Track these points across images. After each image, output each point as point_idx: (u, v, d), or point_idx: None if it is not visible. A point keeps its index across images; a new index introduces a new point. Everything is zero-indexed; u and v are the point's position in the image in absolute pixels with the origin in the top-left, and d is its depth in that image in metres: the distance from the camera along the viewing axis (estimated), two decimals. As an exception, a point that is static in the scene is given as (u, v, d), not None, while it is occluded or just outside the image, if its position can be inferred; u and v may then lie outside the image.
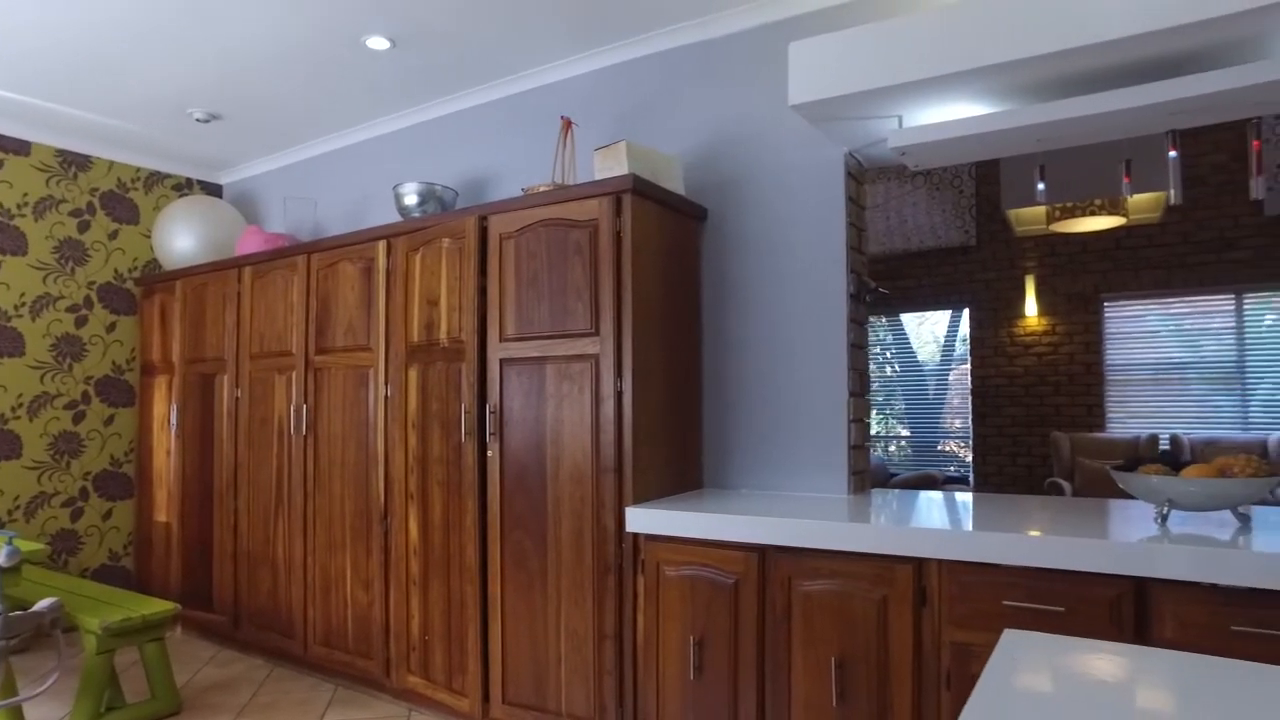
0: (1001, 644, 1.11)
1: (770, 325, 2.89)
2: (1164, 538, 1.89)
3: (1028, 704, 0.93)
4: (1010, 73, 2.18)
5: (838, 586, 2.20)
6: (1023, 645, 1.11)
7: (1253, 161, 2.15)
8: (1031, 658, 1.09)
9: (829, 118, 2.49)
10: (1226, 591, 1.76)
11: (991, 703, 0.92)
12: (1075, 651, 1.11)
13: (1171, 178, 2.18)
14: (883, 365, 8.41)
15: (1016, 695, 0.95)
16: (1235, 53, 2.05)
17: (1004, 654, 1.08)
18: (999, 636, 1.95)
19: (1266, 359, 6.72)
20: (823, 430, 2.78)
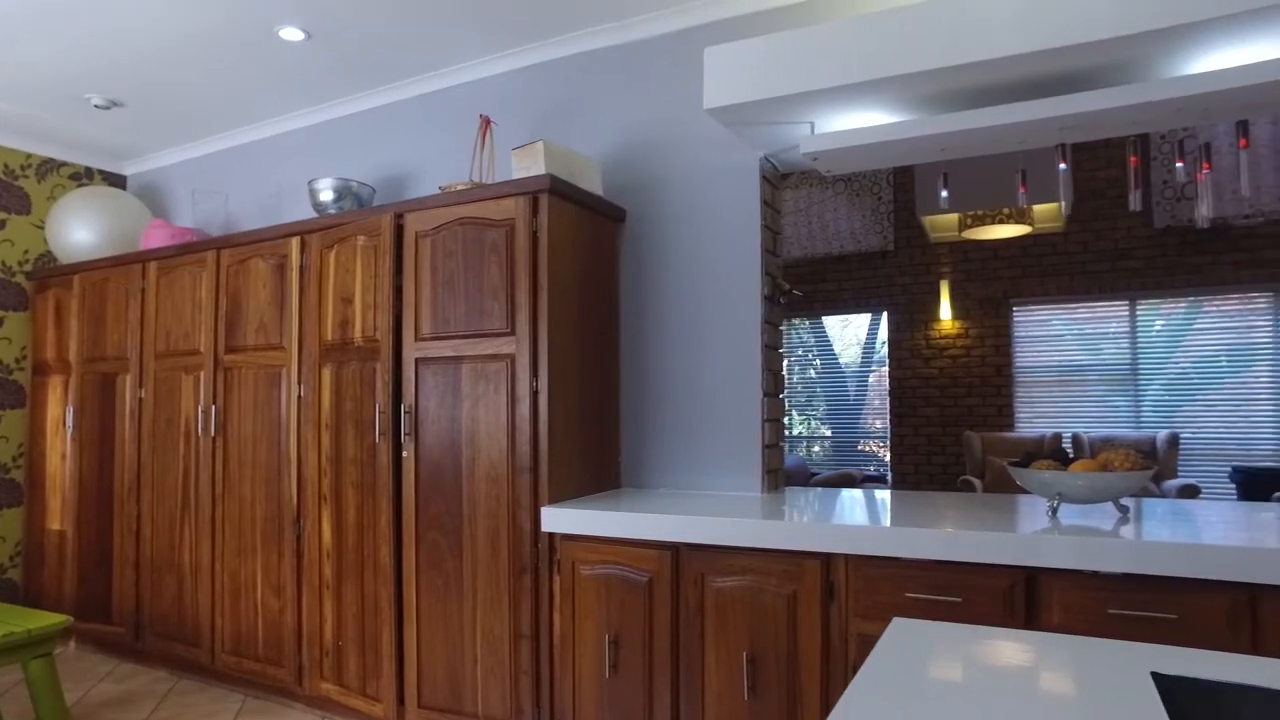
0: (888, 632, 1.16)
1: (687, 326, 2.93)
2: (1053, 530, 1.99)
3: (902, 686, 0.98)
4: (914, 84, 2.27)
5: (749, 583, 2.25)
6: (907, 632, 1.16)
7: (1131, 176, 2.27)
8: (913, 644, 1.13)
9: (744, 122, 2.54)
10: (1105, 578, 1.87)
11: (868, 688, 0.96)
12: (953, 637, 1.16)
13: (1061, 189, 2.29)
14: (805, 367, 8.59)
15: (893, 678, 0.99)
16: (1115, 75, 2.17)
17: (889, 641, 1.13)
18: (900, 627, 2.03)
19: (1156, 362, 7.12)
20: (738, 430, 2.83)
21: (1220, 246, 6.71)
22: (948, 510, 2.38)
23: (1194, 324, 7.07)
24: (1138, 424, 7.01)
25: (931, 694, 0.95)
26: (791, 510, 2.43)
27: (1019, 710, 0.90)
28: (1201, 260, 6.75)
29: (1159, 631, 1.82)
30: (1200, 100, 2.05)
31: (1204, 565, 1.77)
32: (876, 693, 0.94)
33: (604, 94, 3.13)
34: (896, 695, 0.94)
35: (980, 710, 0.90)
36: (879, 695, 0.94)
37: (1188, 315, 7.09)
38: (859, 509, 2.47)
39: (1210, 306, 6.98)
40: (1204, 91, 2.02)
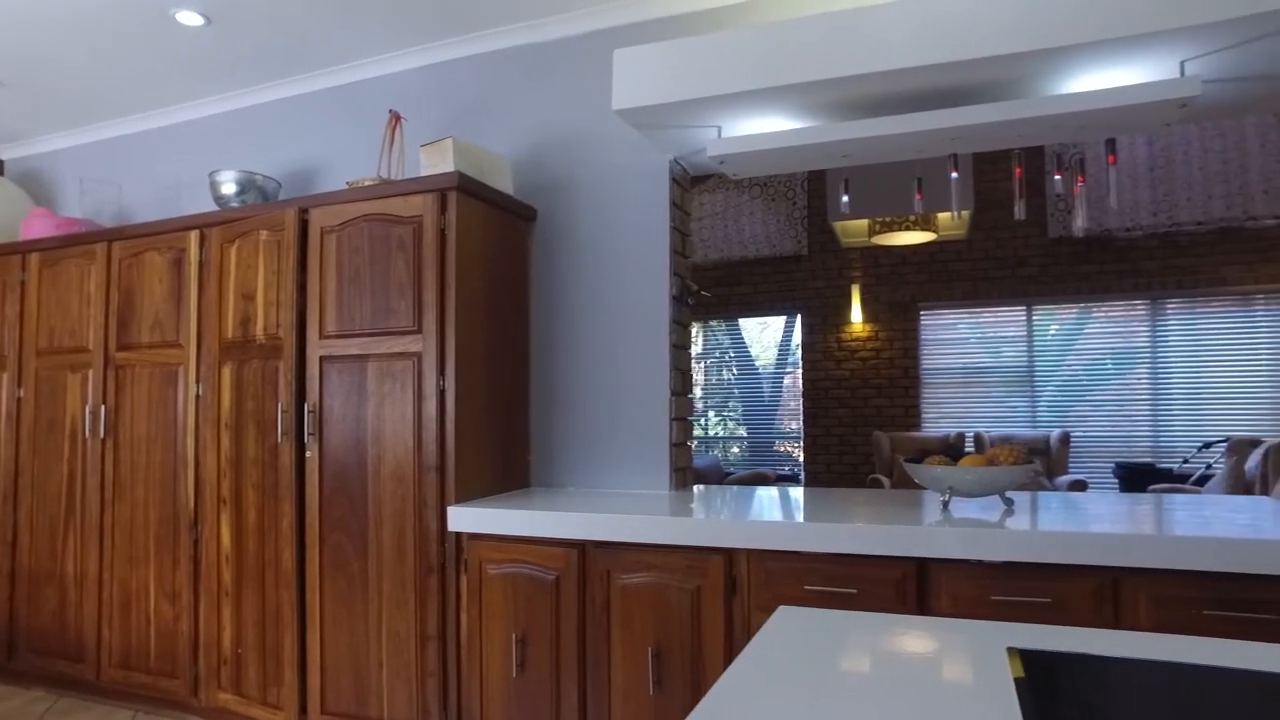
0: (772, 620, 1.20)
1: (597, 326, 2.95)
2: (943, 522, 2.09)
3: (776, 668, 1.02)
4: (817, 91, 2.34)
5: (654, 579, 2.28)
6: (791, 620, 1.20)
7: (1016, 187, 2.40)
8: (793, 630, 1.18)
9: (652, 125, 2.58)
10: (989, 566, 1.97)
11: (744, 670, 0.99)
12: (830, 622, 1.22)
13: (954, 197, 2.40)
14: (722, 369, 8.72)
15: (768, 662, 1.03)
16: (1002, 91, 2.29)
17: (772, 627, 1.17)
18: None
19: (1050, 365, 7.50)
20: (646, 428, 2.86)
21: (1105, 257, 7.11)
22: (848, 506, 2.46)
23: (1084, 329, 7.48)
24: (1034, 423, 7.37)
25: (799, 673, 0.99)
26: (697, 508, 2.48)
27: (878, 684, 0.94)
28: (1089, 269, 7.15)
29: (1035, 614, 1.92)
30: (1075, 118, 2.18)
31: (1073, 552, 1.88)
32: (750, 674, 0.98)
33: (516, 93, 3.13)
34: (768, 676, 0.98)
35: (841, 684, 0.94)
36: (753, 677, 0.97)
37: (1078, 321, 7.50)
38: (763, 506, 2.53)
39: (1098, 313, 7.39)
40: (1077, 110, 2.15)
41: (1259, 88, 2.29)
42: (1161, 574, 1.85)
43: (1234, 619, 1.80)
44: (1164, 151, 6.87)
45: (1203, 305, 7.11)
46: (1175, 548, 1.84)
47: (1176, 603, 1.84)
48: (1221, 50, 2.07)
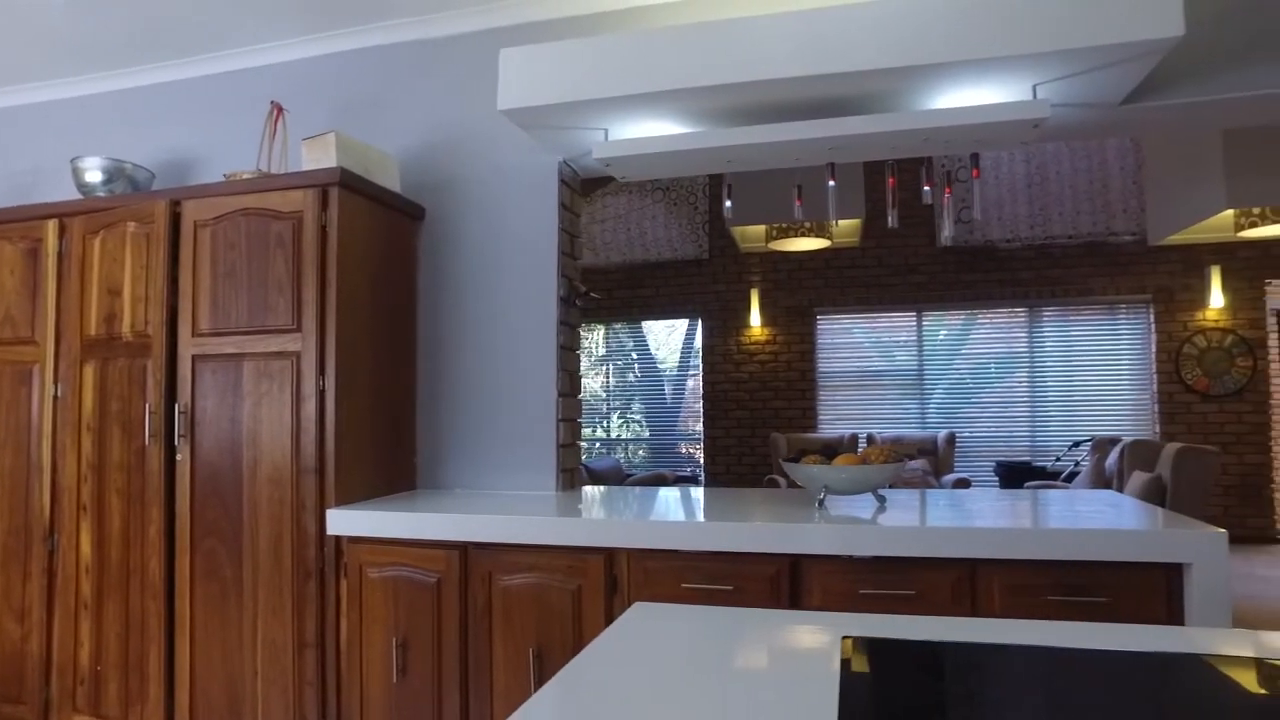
0: (625, 615, 1.22)
1: (485, 327, 2.93)
2: (816, 520, 2.16)
3: (618, 658, 1.04)
4: (701, 98, 2.39)
5: (536, 580, 2.28)
6: (643, 615, 1.22)
7: (889, 196, 2.50)
8: (643, 624, 1.20)
9: (539, 125, 2.58)
10: (858, 561, 2.05)
11: (586, 662, 1.01)
12: (682, 616, 1.25)
13: (830, 206, 2.49)
14: (625, 371, 8.77)
15: (612, 653, 1.05)
16: (877, 104, 2.39)
17: (624, 622, 1.19)
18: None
19: (939, 368, 7.85)
20: (533, 429, 2.85)
21: (988, 266, 7.50)
22: (733, 505, 2.52)
23: (969, 335, 7.86)
24: (923, 424, 7.70)
25: (635, 665, 1.01)
26: (581, 508, 2.49)
27: (710, 673, 0.97)
28: (974, 278, 7.52)
29: (901, 606, 2.01)
30: (941, 133, 2.30)
31: (934, 546, 1.98)
32: (588, 668, 0.99)
33: (404, 89, 3.07)
34: (609, 666, 1.00)
35: (672, 674, 0.97)
36: (594, 667, 0.99)
37: (964, 327, 7.88)
38: (647, 507, 2.56)
39: (983, 319, 7.79)
40: (942, 125, 2.27)
41: (1101, 114, 2.46)
42: (1012, 564, 1.97)
43: (1074, 603, 1.92)
44: (1039, 169, 7.29)
45: (1074, 313, 7.58)
46: (1023, 539, 1.96)
47: (1026, 590, 1.96)
48: (1068, 77, 2.22)
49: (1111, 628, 1.17)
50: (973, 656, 1.03)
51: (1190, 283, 7.24)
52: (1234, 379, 7.15)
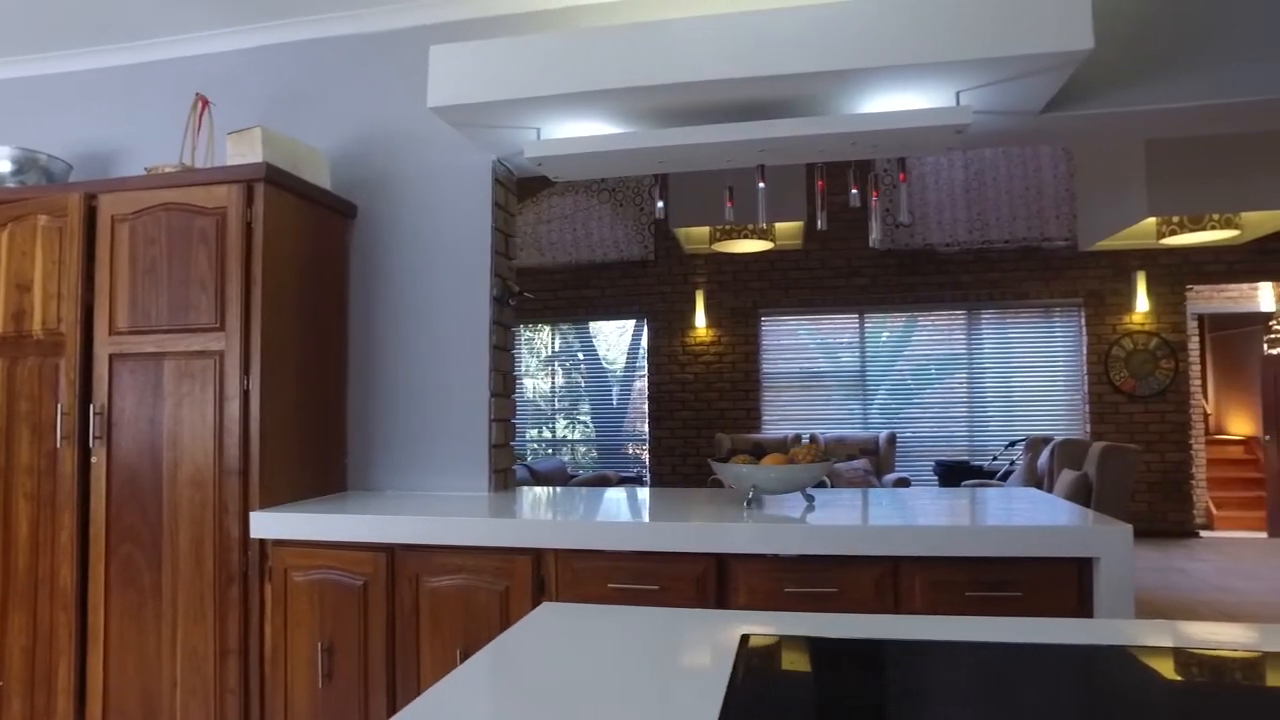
0: (530, 615, 1.22)
1: (418, 326, 2.89)
2: (742, 519, 2.18)
3: (513, 656, 1.03)
4: (632, 98, 2.39)
5: (463, 581, 2.25)
6: (548, 615, 1.22)
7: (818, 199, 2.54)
8: (547, 623, 1.20)
9: (470, 124, 2.55)
10: (784, 559, 2.07)
11: (482, 661, 1.00)
12: (587, 614, 1.25)
13: (759, 208, 2.52)
14: (572, 372, 8.75)
15: (505, 654, 1.05)
16: (805, 107, 2.43)
17: (525, 624, 1.18)
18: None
19: (881, 369, 7.99)
20: (465, 430, 2.83)
21: (929, 269, 7.66)
22: (665, 505, 2.53)
23: (911, 337, 8.02)
24: (866, 425, 7.83)
25: (530, 662, 1.01)
26: (511, 509, 2.47)
27: (601, 670, 0.98)
28: (914, 280, 7.67)
29: (824, 604, 2.04)
30: (868, 136, 2.34)
31: (857, 544, 2.01)
32: (481, 667, 0.99)
33: (336, 85, 3.02)
34: (498, 668, 0.99)
35: (562, 671, 0.97)
36: (480, 669, 0.98)
37: (906, 329, 8.04)
38: (579, 507, 2.56)
39: (924, 321, 7.95)
40: (867, 129, 2.31)
41: (1023, 121, 2.53)
42: (933, 561, 2.01)
43: (992, 598, 1.97)
44: (977, 176, 7.48)
45: (1011, 316, 7.79)
46: (943, 537, 2.00)
47: (946, 586, 2.00)
48: (989, 85, 2.27)
49: (1014, 622, 1.20)
50: (876, 652, 1.05)
51: (1118, 287, 7.49)
52: (1158, 380, 7.42)
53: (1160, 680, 0.98)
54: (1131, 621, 1.26)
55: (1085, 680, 0.96)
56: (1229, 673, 1.01)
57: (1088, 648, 1.04)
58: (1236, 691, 0.97)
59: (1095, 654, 1.01)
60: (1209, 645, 1.08)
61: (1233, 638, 1.12)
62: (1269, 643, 1.07)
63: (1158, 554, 6.63)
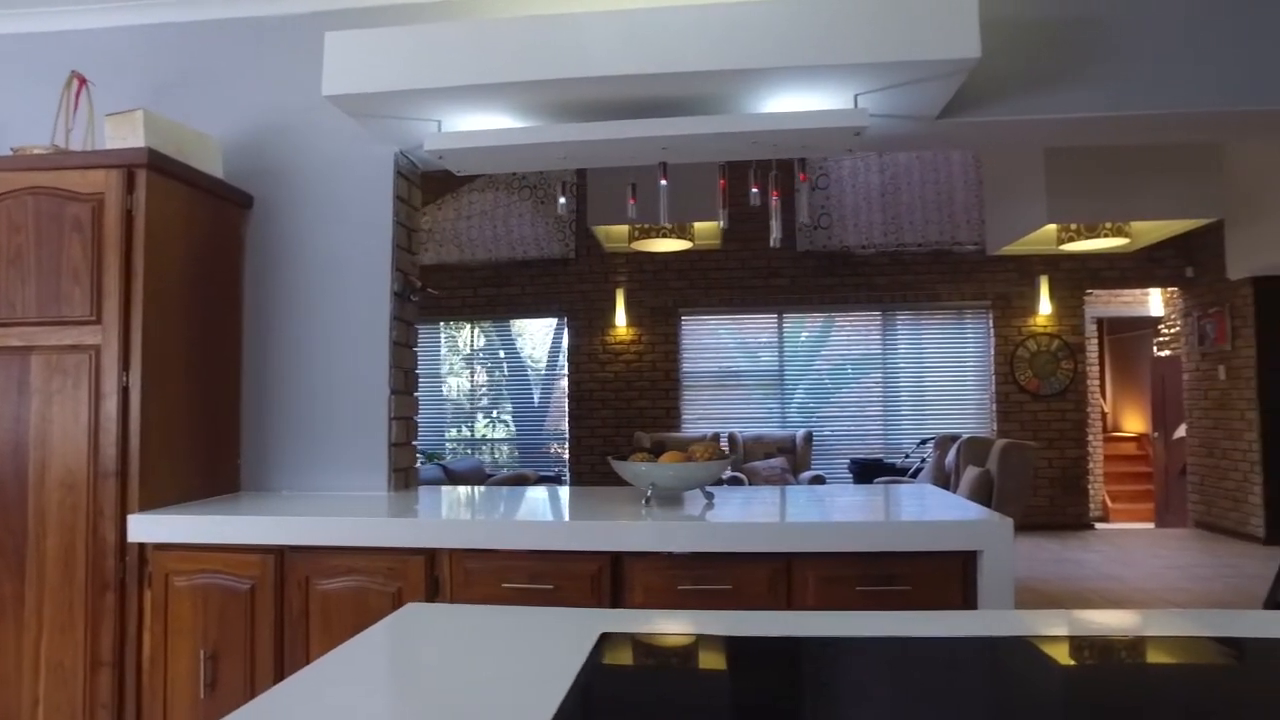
0: (393, 615, 1.18)
1: (316, 321, 2.80)
2: (637, 516, 2.18)
3: (362, 656, 1.00)
4: (533, 92, 2.36)
5: (355, 583, 2.19)
6: (411, 614, 1.19)
7: (720, 197, 2.55)
8: (407, 624, 1.17)
9: (368, 114, 2.48)
10: (678, 557, 2.07)
11: (328, 661, 0.97)
12: (451, 614, 1.22)
13: (661, 207, 2.52)
14: (493, 370, 8.64)
15: (357, 656, 1.02)
16: (707, 106, 2.43)
17: (386, 625, 1.15)
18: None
19: (799, 369, 8.13)
20: (365, 428, 2.75)
21: (844, 271, 7.83)
22: (565, 504, 2.50)
23: (829, 337, 8.18)
24: (784, 424, 7.95)
25: (378, 661, 0.98)
26: (407, 508, 2.41)
27: (453, 668, 0.95)
28: (831, 281, 7.83)
29: (718, 601, 2.04)
30: (769, 136, 2.36)
31: (750, 541, 2.03)
32: (330, 665, 0.95)
33: (230, 70, 2.90)
34: (346, 666, 0.96)
35: (418, 671, 0.94)
36: (335, 664, 0.95)
37: (824, 329, 8.20)
38: (479, 506, 2.51)
39: (841, 321, 8.12)
40: (768, 129, 2.33)
41: (921, 126, 2.60)
42: (825, 557, 2.04)
43: (881, 591, 2.01)
44: (893, 180, 7.67)
45: (926, 318, 8.02)
46: (834, 533, 2.04)
47: (837, 581, 2.03)
48: (886, 89, 2.32)
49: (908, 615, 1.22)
50: (735, 650, 1.04)
51: (1024, 291, 7.79)
52: (1059, 380, 7.75)
53: (1059, 666, 1.01)
54: (1035, 612, 1.30)
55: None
56: (1112, 654, 1.06)
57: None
58: (1118, 671, 1.00)
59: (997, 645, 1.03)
60: (1092, 631, 1.12)
61: (1111, 623, 1.17)
62: (1131, 628, 1.11)
63: (1057, 545, 6.92)
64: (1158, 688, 0.95)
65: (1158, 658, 1.04)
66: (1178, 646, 1.04)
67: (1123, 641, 1.10)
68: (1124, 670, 1.02)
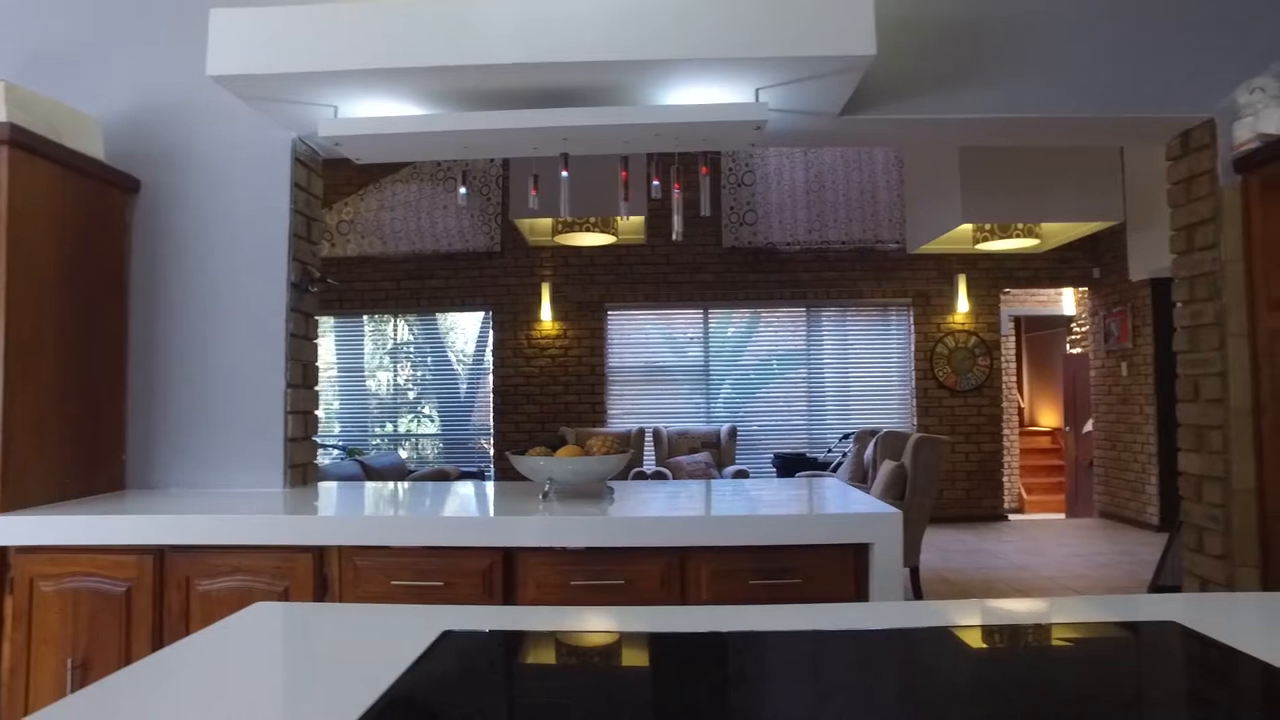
0: (238, 614, 1.13)
1: (208, 312, 2.68)
2: (543, 511, 2.15)
3: (189, 656, 0.95)
4: (431, 79, 2.30)
5: (240, 583, 2.10)
6: (258, 613, 1.14)
7: (620, 189, 2.53)
8: (251, 623, 1.12)
9: (258, 96, 2.39)
10: (573, 552, 2.04)
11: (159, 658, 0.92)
12: (300, 614, 1.18)
13: (563, 199, 2.48)
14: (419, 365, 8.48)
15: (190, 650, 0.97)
16: (611, 97, 2.41)
17: (230, 623, 1.10)
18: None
19: (725, 364, 8.19)
20: (259, 423, 2.65)
21: (770, 267, 7.91)
22: (465, 499, 2.45)
23: (754, 333, 8.26)
24: (709, 419, 7.99)
25: (203, 659, 0.93)
26: (302, 505, 2.33)
27: (281, 668, 0.91)
28: (756, 278, 7.90)
29: (611, 596, 2.03)
30: (670, 129, 2.35)
31: (643, 536, 2.02)
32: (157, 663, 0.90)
33: (113, 46, 2.75)
34: (176, 662, 0.91)
35: (240, 670, 0.90)
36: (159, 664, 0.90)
37: (750, 325, 8.27)
38: (375, 502, 2.45)
39: (767, 317, 8.20)
40: (671, 121, 2.32)
41: (824, 122, 2.62)
42: (719, 551, 2.04)
43: (772, 585, 2.02)
44: (817, 178, 7.78)
45: (852, 314, 8.16)
46: (727, 527, 2.04)
47: (730, 575, 2.03)
48: (786, 84, 2.33)
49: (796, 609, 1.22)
50: (581, 645, 1.02)
51: (943, 289, 7.99)
52: (975, 376, 7.98)
53: (972, 651, 1.02)
54: (948, 603, 1.32)
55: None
56: (1018, 638, 1.08)
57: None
58: (1019, 656, 1.02)
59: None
60: (1003, 620, 1.15)
61: (1016, 611, 1.19)
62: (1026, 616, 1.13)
63: (972, 536, 7.13)
64: (1047, 672, 0.97)
65: (1046, 642, 1.07)
66: (1068, 631, 1.08)
67: (1025, 628, 1.13)
68: (1017, 656, 1.04)
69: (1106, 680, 0.90)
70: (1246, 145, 2.59)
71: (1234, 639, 0.96)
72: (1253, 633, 1.05)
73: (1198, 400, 2.92)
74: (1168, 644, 1.01)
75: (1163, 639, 1.02)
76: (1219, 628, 1.01)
